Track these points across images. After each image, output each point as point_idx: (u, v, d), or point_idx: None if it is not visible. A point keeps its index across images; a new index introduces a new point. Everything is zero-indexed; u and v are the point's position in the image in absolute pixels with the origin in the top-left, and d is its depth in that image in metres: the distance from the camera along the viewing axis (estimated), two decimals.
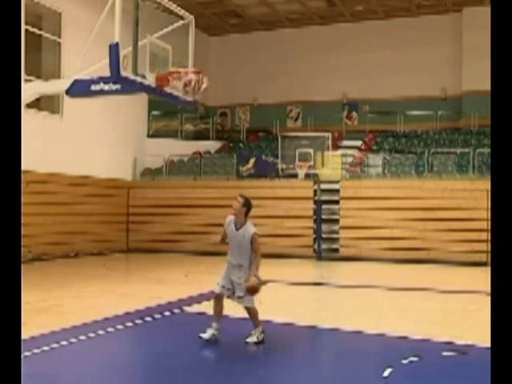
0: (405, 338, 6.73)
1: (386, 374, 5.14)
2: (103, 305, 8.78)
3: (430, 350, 6.09)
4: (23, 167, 14.03)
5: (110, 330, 6.88)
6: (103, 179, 18.60)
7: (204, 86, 8.03)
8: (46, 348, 5.92)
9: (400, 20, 23.78)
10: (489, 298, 3.45)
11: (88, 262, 16.10)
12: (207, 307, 8.47)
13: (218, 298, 6.34)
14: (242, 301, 6.23)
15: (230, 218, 6.31)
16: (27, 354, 5.59)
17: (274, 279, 11.25)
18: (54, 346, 6.03)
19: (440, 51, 23.11)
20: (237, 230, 6.23)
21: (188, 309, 8.50)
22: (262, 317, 6.40)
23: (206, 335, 6.27)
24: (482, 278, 12.45)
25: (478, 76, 20.47)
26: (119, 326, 7.09)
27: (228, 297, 6.31)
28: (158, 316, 7.84)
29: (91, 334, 6.55)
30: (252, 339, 6.28)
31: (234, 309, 6.57)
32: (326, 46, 24.65)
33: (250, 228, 6.21)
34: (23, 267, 14.00)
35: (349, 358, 6.03)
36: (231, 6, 22.96)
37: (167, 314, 8.04)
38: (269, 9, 23.38)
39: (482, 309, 8.35)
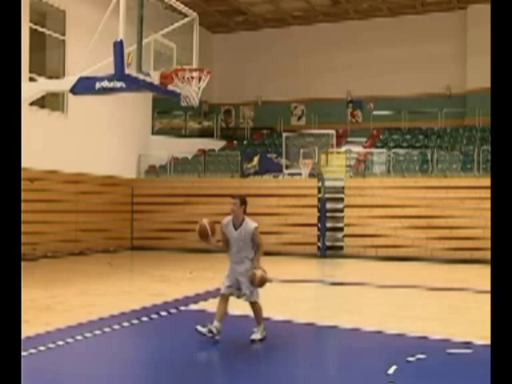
0: (409, 335, 6.72)
1: (390, 371, 5.14)
2: (106, 302, 8.79)
3: (435, 348, 6.08)
4: (29, 165, 14.13)
5: (106, 329, 6.86)
6: (107, 177, 18.63)
7: (203, 84, 8.02)
8: (51, 345, 5.92)
9: (405, 17, 23.72)
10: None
11: (93, 259, 16.15)
12: (211, 305, 8.50)
13: (223, 298, 6.33)
14: (248, 297, 6.25)
15: (228, 218, 6.29)
16: (32, 351, 5.61)
17: (277, 277, 11.27)
18: (60, 343, 6.04)
19: (445, 48, 23.04)
20: (236, 229, 6.22)
21: (193, 306, 8.51)
22: (264, 314, 6.40)
23: (202, 329, 6.19)
24: (489, 276, 12.43)
25: (482, 73, 20.32)
26: (116, 326, 7.07)
27: (237, 296, 6.30)
28: (162, 314, 7.84)
29: (88, 334, 6.51)
30: (256, 336, 6.29)
31: (234, 306, 6.57)
32: (331, 43, 24.60)
33: (249, 224, 6.20)
34: (30, 265, 13.84)
35: (353, 355, 6.02)
36: (235, 3, 22.94)
37: (171, 311, 8.04)
38: (273, 6, 23.36)
39: (489, 306, 8.33)
